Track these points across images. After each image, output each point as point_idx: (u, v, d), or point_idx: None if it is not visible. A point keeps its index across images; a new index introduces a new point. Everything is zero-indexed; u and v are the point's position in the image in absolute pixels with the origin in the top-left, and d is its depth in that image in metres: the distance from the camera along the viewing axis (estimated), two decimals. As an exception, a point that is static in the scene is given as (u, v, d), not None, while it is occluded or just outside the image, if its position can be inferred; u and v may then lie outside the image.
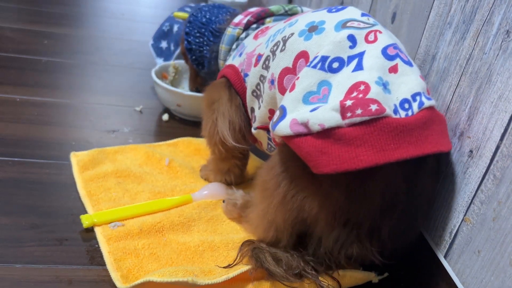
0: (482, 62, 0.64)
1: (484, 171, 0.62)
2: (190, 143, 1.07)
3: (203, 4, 1.02)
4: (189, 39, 0.98)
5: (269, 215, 0.68)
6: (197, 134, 1.10)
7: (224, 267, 0.70)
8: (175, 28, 1.36)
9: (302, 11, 0.89)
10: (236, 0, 1.70)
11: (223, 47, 0.90)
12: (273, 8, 0.89)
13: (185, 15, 1.10)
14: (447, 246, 0.69)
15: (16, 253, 0.70)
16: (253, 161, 1.01)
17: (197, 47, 0.97)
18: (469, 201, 0.65)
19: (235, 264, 0.70)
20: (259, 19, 0.88)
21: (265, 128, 0.78)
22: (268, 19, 0.88)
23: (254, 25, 0.88)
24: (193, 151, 1.06)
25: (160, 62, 1.37)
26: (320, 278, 0.67)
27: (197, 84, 1.12)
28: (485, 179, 0.62)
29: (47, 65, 1.37)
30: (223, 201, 0.86)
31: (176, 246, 0.75)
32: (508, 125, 0.58)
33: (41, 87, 1.23)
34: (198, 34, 0.96)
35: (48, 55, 1.43)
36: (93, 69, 1.41)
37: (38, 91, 1.20)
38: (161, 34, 1.40)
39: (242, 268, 0.68)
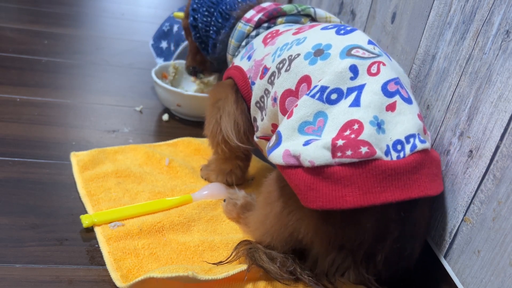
0: (482, 62, 0.64)
1: (484, 171, 0.62)
2: (190, 143, 1.07)
3: None
4: (196, 16, 0.95)
5: (268, 222, 0.69)
6: (197, 134, 1.10)
7: (215, 264, 0.70)
8: (175, 28, 1.36)
9: (315, 13, 0.88)
10: None
11: (232, 41, 0.89)
12: (286, 7, 0.87)
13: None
14: (447, 246, 0.69)
15: (16, 253, 0.70)
16: (253, 162, 1.01)
17: (204, 25, 0.94)
18: (469, 201, 0.65)
19: (227, 262, 0.70)
20: (271, 18, 0.87)
21: (267, 139, 0.78)
22: (280, 19, 0.87)
23: (265, 24, 0.87)
24: (193, 151, 1.06)
25: (160, 62, 1.37)
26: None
27: (196, 63, 1.08)
28: (485, 179, 0.62)
29: (47, 65, 1.37)
30: (224, 200, 0.86)
31: (176, 246, 0.76)
32: (508, 125, 0.58)
33: (41, 87, 1.23)
34: (206, 13, 0.93)
35: (48, 55, 1.43)
36: (93, 69, 1.41)
37: (38, 91, 1.20)
38: (161, 34, 1.40)
39: (242, 266, 0.68)
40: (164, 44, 1.39)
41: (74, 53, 1.49)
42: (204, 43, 0.98)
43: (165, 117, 1.19)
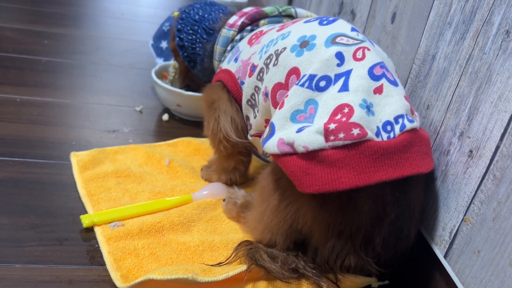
0: (482, 62, 0.64)
1: (484, 171, 0.62)
2: (190, 143, 1.07)
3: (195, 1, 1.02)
4: (181, 36, 0.98)
5: (266, 219, 0.70)
6: (197, 134, 1.10)
7: (213, 265, 0.70)
8: (175, 28, 1.36)
9: (295, 13, 0.90)
10: (236, 0, 1.70)
11: (218, 48, 0.91)
12: (267, 9, 0.90)
13: (185, 15, 1.10)
14: (447, 246, 0.69)
15: (16, 253, 0.70)
16: (253, 161, 1.01)
17: (190, 44, 0.97)
18: (469, 201, 0.65)
19: (227, 263, 0.70)
20: (253, 21, 0.89)
21: (261, 136, 0.79)
22: (262, 21, 0.89)
23: (249, 27, 0.89)
24: (193, 151, 1.06)
25: (160, 62, 1.37)
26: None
27: (188, 81, 1.12)
28: (485, 179, 0.62)
29: (47, 65, 1.37)
30: (224, 200, 0.86)
31: (176, 246, 0.76)
32: (508, 125, 0.58)
33: (41, 87, 1.23)
34: (191, 31, 0.96)
35: (48, 55, 1.43)
36: (93, 69, 1.41)
37: (38, 91, 1.20)
38: (161, 34, 1.40)
39: (242, 267, 0.68)
40: (164, 44, 1.39)
41: (74, 53, 1.49)
42: (192, 61, 1.01)
43: (165, 117, 1.20)
